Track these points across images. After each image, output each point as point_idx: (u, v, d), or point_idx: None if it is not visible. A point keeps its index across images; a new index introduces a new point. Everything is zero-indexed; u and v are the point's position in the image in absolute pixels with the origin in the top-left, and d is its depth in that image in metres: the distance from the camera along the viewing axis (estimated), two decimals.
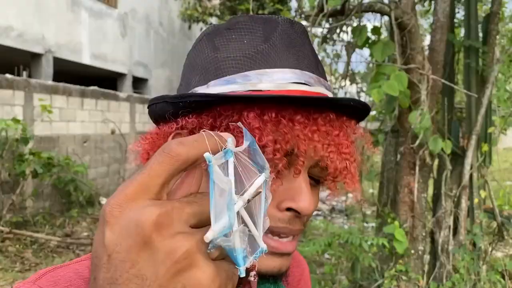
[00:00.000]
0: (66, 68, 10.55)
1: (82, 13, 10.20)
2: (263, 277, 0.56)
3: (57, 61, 9.35)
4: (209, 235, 0.31)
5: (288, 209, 0.53)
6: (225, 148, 0.35)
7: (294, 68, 0.54)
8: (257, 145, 0.38)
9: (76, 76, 11.92)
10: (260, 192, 0.37)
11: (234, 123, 0.50)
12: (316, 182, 0.58)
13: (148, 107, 0.62)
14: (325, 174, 0.56)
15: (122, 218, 0.31)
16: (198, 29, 14.41)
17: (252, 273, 0.41)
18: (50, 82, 7.52)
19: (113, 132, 9.03)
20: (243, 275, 0.33)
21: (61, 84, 7.66)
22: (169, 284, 0.31)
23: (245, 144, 0.37)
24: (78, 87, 8.09)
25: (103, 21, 10.98)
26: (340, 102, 0.54)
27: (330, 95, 0.58)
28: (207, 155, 0.33)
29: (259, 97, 0.50)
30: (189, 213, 0.33)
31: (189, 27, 13.87)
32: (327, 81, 0.59)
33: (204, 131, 0.36)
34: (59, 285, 0.53)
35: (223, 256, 0.34)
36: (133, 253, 0.31)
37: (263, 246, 0.36)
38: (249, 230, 0.36)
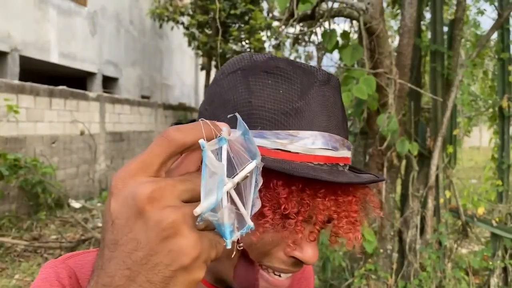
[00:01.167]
0: (34, 67, 10.30)
1: (50, 10, 9.96)
2: None
3: (24, 60, 9.10)
4: (198, 209, 0.37)
5: (293, 256, 0.58)
6: (219, 136, 0.40)
7: (323, 131, 0.56)
8: (250, 134, 0.42)
9: (44, 75, 11.65)
10: (248, 176, 0.41)
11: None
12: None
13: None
14: (329, 229, 0.62)
15: (124, 190, 0.38)
16: (169, 27, 14.30)
17: (242, 244, 0.45)
18: (16, 82, 7.31)
19: (82, 133, 8.87)
20: (229, 246, 0.39)
21: (28, 84, 7.47)
22: (157, 247, 0.36)
23: (238, 133, 0.42)
24: (46, 86, 7.90)
25: (71, 19, 10.76)
26: (363, 183, 0.57)
27: (349, 155, 0.61)
28: (201, 141, 0.39)
29: (295, 174, 0.51)
30: (181, 189, 0.38)
31: (160, 26, 13.74)
32: (348, 139, 0.62)
33: (201, 120, 0.41)
34: (85, 268, 0.62)
35: (211, 229, 0.40)
36: (131, 220, 0.37)
37: (250, 223, 0.41)
38: (238, 209, 0.41)
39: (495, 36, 3.76)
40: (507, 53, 3.54)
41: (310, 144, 0.54)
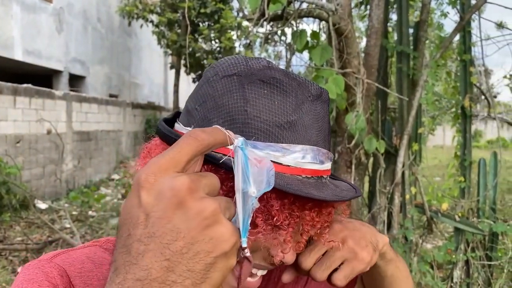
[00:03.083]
0: None
1: (14, 6, 9.69)
2: None
3: None
4: (255, 191, 0.43)
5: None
6: (237, 145, 0.45)
7: (313, 145, 0.59)
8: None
9: (7, 72, 11.31)
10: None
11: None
12: None
13: (158, 128, 0.62)
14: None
15: (157, 184, 0.39)
16: (138, 25, 14.11)
17: (247, 250, 0.47)
18: None
19: (49, 132, 8.66)
20: (244, 245, 0.43)
21: None
22: (199, 236, 0.39)
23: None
24: (9, 84, 7.67)
25: (36, 15, 10.49)
26: (346, 200, 0.63)
27: (330, 165, 0.65)
28: (241, 140, 0.44)
29: (290, 192, 0.54)
30: (205, 183, 0.41)
31: (129, 24, 13.55)
32: (330, 150, 0.65)
33: (216, 126, 0.45)
34: (74, 266, 0.62)
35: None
36: (169, 211, 0.38)
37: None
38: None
39: (457, 38, 3.90)
40: (469, 54, 3.68)
41: (300, 158, 0.57)
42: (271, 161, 0.53)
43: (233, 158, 0.44)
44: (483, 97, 4.42)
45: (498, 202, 5.37)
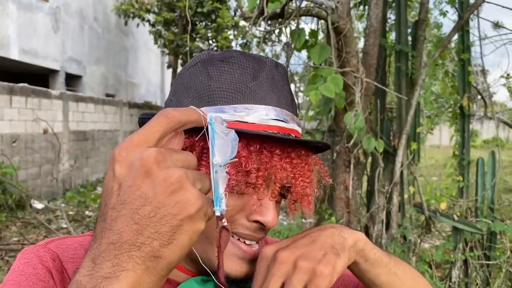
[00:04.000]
0: None
1: (10, 5, 9.64)
2: (232, 282, 0.65)
3: None
4: (218, 159, 0.46)
5: (255, 221, 0.64)
6: (209, 121, 0.48)
7: (275, 106, 0.64)
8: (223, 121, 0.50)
9: (3, 72, 11.25)
10: (236, 160, 0.49)
11: None
12: (280, 197, 0.68)
13: (139, 120, 0.68)
14: (287, 195, 0.68)
15: (128, 157, 0.43)
16: (134, 25, 14.07)
17: (224, 220, 0.50)
18: None
19: (45, 132, 8.62)
20: (217, 213, 0.46)
21: None
22: (165, 200, 0.42)
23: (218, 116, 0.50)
24: (5, 83, 7.63)
25: (33, 14, 10.44)
26: (310, 143, 0.67)
27: (300, 130, 0.69)
28: (210, 115, 0.48)
29: (251, 133, 0.60)
30: (176, 157, 0.44)
31: (126, 23, 13.51)
32: (298, 117, 0.70)
33: (191, 107, 0.48)
34: (66, 252, 0.66)
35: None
36: (138, 180, 0.42)
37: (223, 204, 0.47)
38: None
39: (455, 37, 3.89)
40: (467, 54, 3.68)
41: (264, 115, 0.62)
42: (237, 121, 0.60)
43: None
44: (479, 96, 4.43)
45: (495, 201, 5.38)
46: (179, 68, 14.63)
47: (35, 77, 11.75)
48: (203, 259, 0.62)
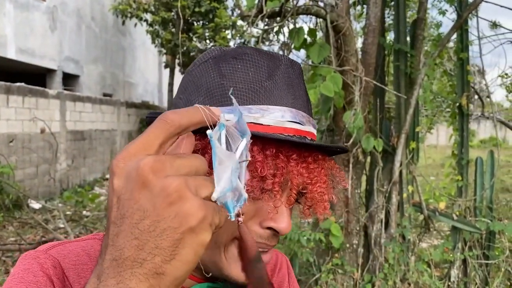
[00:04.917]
0: None
1: (6, 4, 9.60)
2: (236, 286, 0.63)
3: None
4: (214, 195, 0.41)
5: (269, 228, 0.61)
6: (219, 122, 0.44)
7: (291, 107, 0.61)
8: (241, 115, 0.46)
9: (0, 71, 11.21)
10: (248, 160, 0.46)
11: None
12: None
13: (146, 119, 0.64)
14: (302, 199, 0.65)
15: (126, 168, 0.40)
16: (132, 24, 14.04)
17: (239, 218, 0.48)
18: None
19: (42, 131, 8.59)
20: (233, 219, 0.43)
21: None
22: (164, 213, 0.38)
23: (234, 119, 0.46)
24: (2, 83, 7.59)
25: (30, 13, 10.40)
26: (329, 149, 0.64)
27: (315, 132, 0.66)
28: (209, 132, 0.42)
29: (270, 137, 0.56)
30: (179, 164, 0.40)
31: (123, 23, 13.47)
32: (313, 118, 0.67)
33: (196, 105, 0.44)
34: (68, 258, 0.63)
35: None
36: (135, 192, 0.39)
37: (245, 195, 0.44)
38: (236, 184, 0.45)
39: (454, 37, 3.89)
40: (466, 53, 3.68)
41: (280, 117, 0.59)
42: (252, 122, 0.57)
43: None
44: (477, 96, 4.43)
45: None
46: (177, 68, 14.61)
47: (32, 77, 11.71)
48: (209, 264, 0.61)
